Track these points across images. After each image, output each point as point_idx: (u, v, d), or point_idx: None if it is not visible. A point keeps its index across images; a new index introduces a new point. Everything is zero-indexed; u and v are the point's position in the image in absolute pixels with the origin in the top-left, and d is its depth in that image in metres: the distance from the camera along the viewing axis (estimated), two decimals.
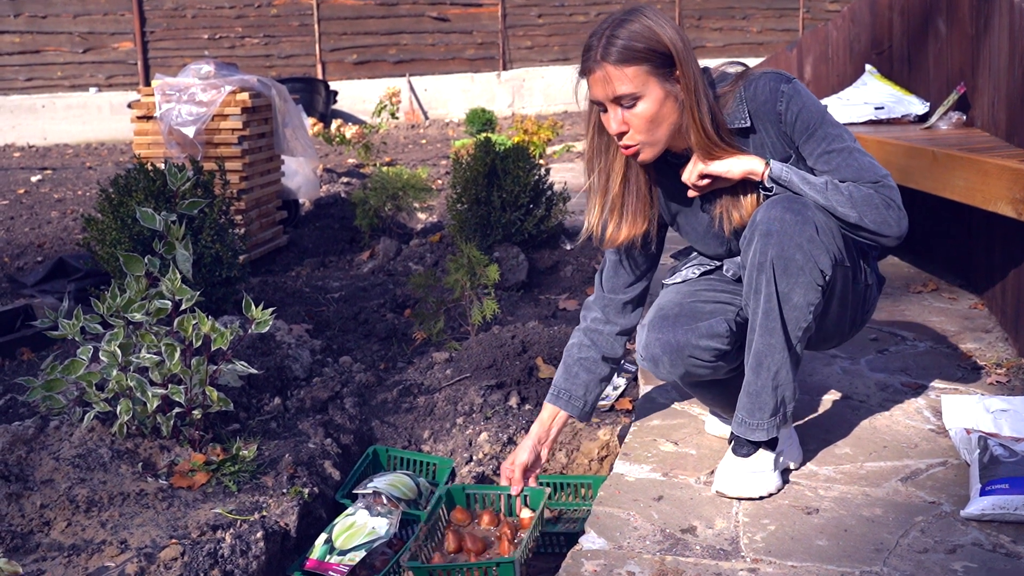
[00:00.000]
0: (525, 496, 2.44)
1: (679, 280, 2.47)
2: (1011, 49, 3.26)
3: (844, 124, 4.09)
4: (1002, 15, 3.36)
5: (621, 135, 2.18)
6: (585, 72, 2.17)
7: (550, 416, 2.51)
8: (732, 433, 2.34)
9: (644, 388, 2.96)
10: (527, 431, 2.81)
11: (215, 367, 2.71)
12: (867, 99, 4.33)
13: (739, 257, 2.41)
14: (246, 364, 2.74)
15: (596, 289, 2.55)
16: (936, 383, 2.91)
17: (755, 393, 2.24)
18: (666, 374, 2.34)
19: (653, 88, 2.13)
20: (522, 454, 2.47)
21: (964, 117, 3.83)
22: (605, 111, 2.19)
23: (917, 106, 4.19)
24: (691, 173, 2.27)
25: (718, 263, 2.46)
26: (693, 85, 2.15)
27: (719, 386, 2.44)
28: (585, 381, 2.51)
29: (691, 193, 2.31)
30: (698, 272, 2.46)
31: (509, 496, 2.44)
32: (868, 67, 4.58)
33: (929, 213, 4.11)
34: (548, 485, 2.59)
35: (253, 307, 2.63)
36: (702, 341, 2.27)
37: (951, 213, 3.83)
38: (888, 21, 4.60)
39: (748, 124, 2.24)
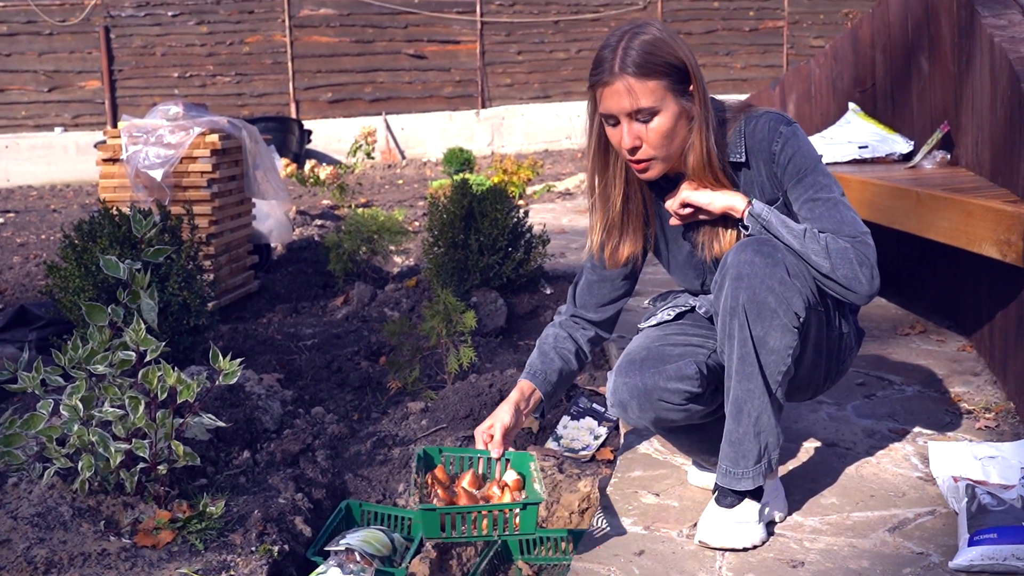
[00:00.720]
0: (506, 460, 2.42)
1: (653, 323, 2.50)
2: (992, 88, 3.31)
3: (828, 163, 4.18)
4: (983, 54, 3.42)
5: (635, 149, 2.21)
6: (600, 84, 2.18)
7: (528, 388, 2.52)
8: (716, 483, 2.35)
9: (625, 439, 2.97)
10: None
11: (181, 420, 2.70)
12: (851, 138, 4.39)
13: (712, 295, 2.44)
14: (213, 417, 2.73)
15: (568, 300, 2.61)
16: (924, 429, 2.93)
17: (737, 441, 2.26)
18: (636, 419, 2.37)
19: (670, 103, 2.18)
20: (503, 415, 2.45)
21: (948, 156, 3.88)
22: (615, 125, 2.21)
23: (901, 145, 4.25)
24: (675, 200, 2.31)
25: (692, 303, 2.49)
26: (705, 103, 2.21)
27: (697, 432, 2.46)
28: (559, 368, 2.54)
29: (673, 221, 2.36)
30: (673, 314, 2.49)
31: (489, 460, 2.42)
32: (851, 105, 4.65)
33: (916, 254, 4.15)
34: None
35: (220, 358, 2.63)
36: (670, 384, 2.29)
37: (938, 254, 3.87)
38: (871, 59, 4.67)
39: (743, 159, 2.28)
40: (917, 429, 2.93)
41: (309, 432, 3.32)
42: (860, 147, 4.30)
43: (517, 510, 2.18)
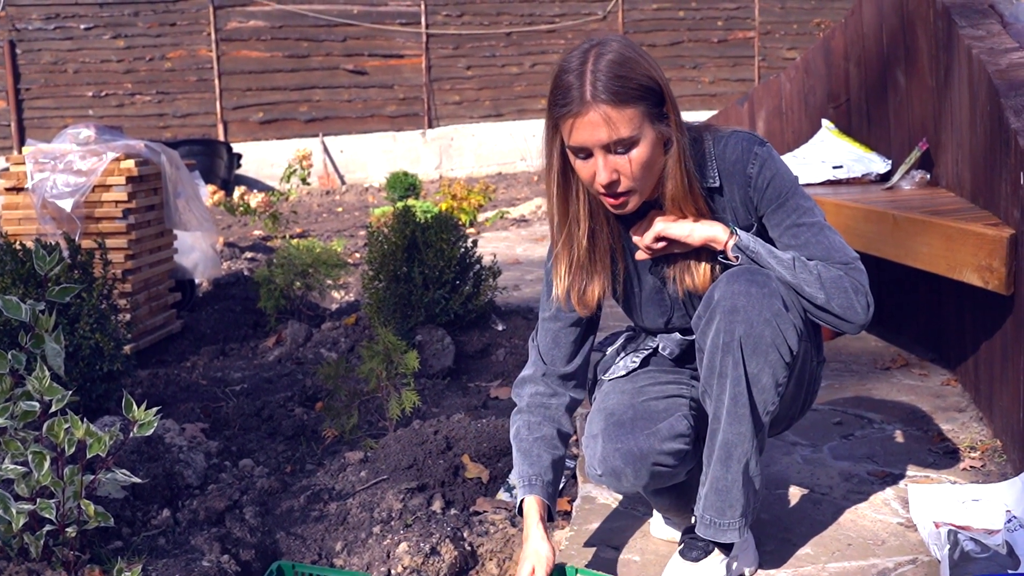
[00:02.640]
0: None
1: (621, 373, 2.48)
2: (972, 103, 3.39)
3: (801, 185, 4.24)
4: (961, 66, 3.50)
5: (612, 184, 2.15)
6: (570, 115, 2.10)
7: (540, 505, 2.41)
8: (684, 536, 2.36)
9: (583, 488, 2.98)
10: (453, 539, 2.82)
11: (92, 477, 2.68)
12: (824, 157, 4.47)
13: (675, 334, 2.46)
14: (128, 472, 2.71)
15: (533, 361, 2.51)
16: (906, 470, 2.97)
17: (725, 489, 2.25)
18: (630, 486, 2.34)
19: (648, 130, 2.13)
20: (542, 548, 2.35)
21: (928, 176, 3.96)
22: (586, 158, 2.15)
23: (878, 164, 4.32)
24: (647, 234, 2.28)
25: (653, 346, 2.50)
26: (680, 125, 2.18)
27: (677, 488, 2.46)
28: (550, 464, 2.43)
29: (640, 255, 2.33)
30: (639, 360, 2.48)
31: None
32: (825, 122, 4.73)
33: (896, 283, 4.22)
34: None
35: (134, 407, 2.61)
36: (666, 445, 2.27)
37: (919, 282, 3.94)
38: (844, 72, 4.76)
39: (717, 184, 2.27)
40: (898, 471, 2.97)
41: (236, 487, 3.30)
42: (834, 167, 4.38)
43: None
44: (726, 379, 2.18)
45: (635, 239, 2.31)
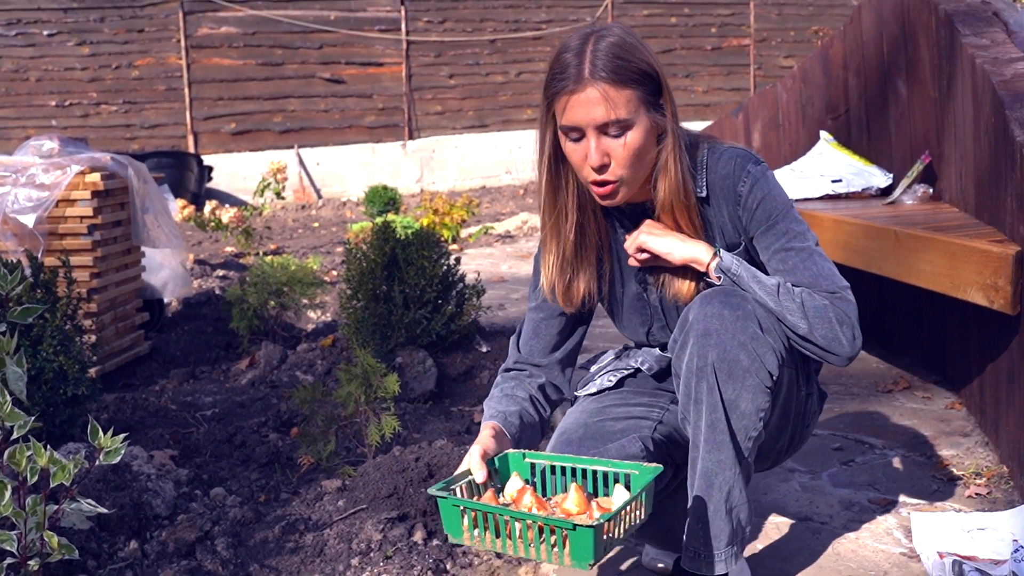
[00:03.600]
0: (626, 475, 2.14)
1: (593, 391, 2.52)
2: (976, 114, 3.42)
3: (799, 200, 4.27)
4: (964, 76, 3.53)
5: (603, 168, 2.18)
6: (565, 92, 2.15)
7: (496, 428, 2.36)
8: (675, 568, 2.37)
9: None
10: (435, 571, 2.82)
11: (56, 507, 2.67)
12: (823, 171, 4.50)
13: (655, 350, 2.48)
14: (94, 502, 2.70)
15: (510, 352, 2.56)
16: (908, 498, 2.99)
17: (707, 520, 2.27)
18: None
19: (643, 116, 2.17)
20: (485, 439, 2.28)
21: (931, 190, 3.99)
22: (578, 140, 2.19)
23: (879, 178, 4.35)
24: (631, 242, 2.32)
25: (635, 364, 2.51)
26: (675, 119, 2.22)
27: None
28: (518, 411, 2.41)
29: (631, 261, 2.36)
30: (614, 379, 2.50)
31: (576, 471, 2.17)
32: (823, 134, 4.76)
33: (898, 302, 4.24)
34: None
35: (101, 433, 2.61)
36: None
37: (922, 301, 3.96)
38: (843, 82, 4.80)
39: (704, 194, 2.30)
40: (901, 499, 2.98)
41: (208, 517, 3.30)
42: (833, 181, 4.40)
43: (567, 531, 1.87)
44: (702, 405, 2.19)
45: (626, 245, 2.35)
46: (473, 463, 2.20)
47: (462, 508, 1.98)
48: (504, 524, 1.92)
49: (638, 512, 2.03)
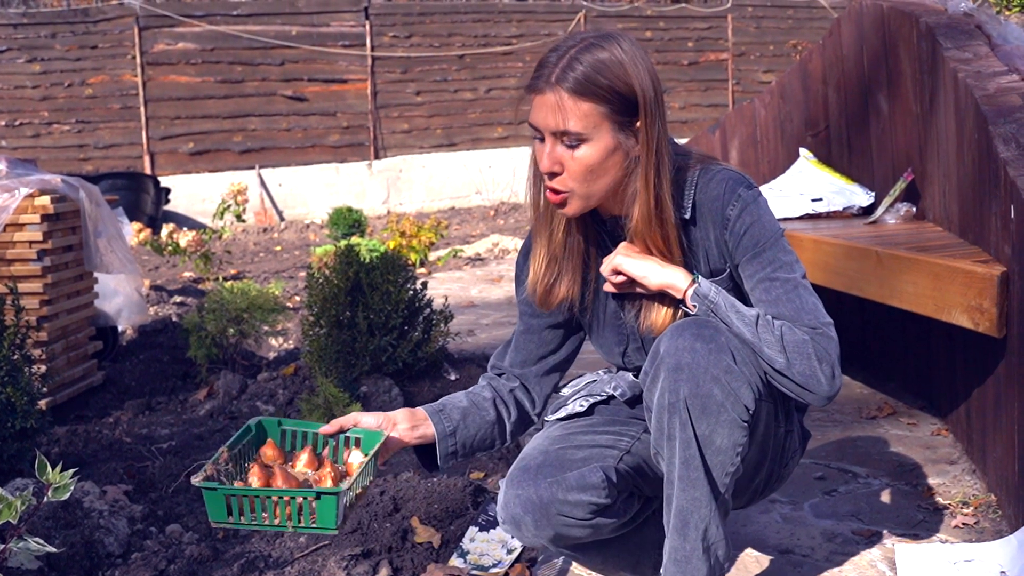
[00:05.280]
0: (356, 439, 2.38)
1: (563, 415, 2.52)
2: (959, 130, 3.45)
3: (778, 220, 4.29)
4: (947, 91, 3.56)
5: (552, 175, 2.22)
6: (533, 90, 2.21)
7: (420, 414, 2.46)
8: None
9: (544, 550, 2.98)
10: None
11: (3, 546, 2.65)
12: (803, 189, 4.51)
13: (628, 375, 2.48)
14: (42, 541, 2.68)
15: (493, 357, 2.63)
16: (893, 529, 2.99)
17: (684, 559, 2.26)
18: (532, 538, 2.36)
19: (603, 134, 2.18)
20: (366, 416, 2.41)
21: (914, 209, 4.01)
22: (541, 140, 2.23)
23: (861, 196, 4.38)
24: (607, 264, 2.32)
25: (609, 391, 2.51)
26: (655, 145, 2.21)
27: (612, 546, 2.47)
28: (463, 408, 2.49)
29: (607, 286, 2.36)
30: (586, 405, 2.50)
31: (338, 441, 2.40)
32: (803, 151, 4.78)
33: (882, 324, 4.26)
34: None
35: (49, 469, 2.59)
36: (571, 495, 2.29)
37: (907, 324, 3.98)
38: (823, 97, 4.83)
39: (688, 215, 2.30)
40: (885, 529, 2.99)
41: (163, 555, 3.28)
42: (814, 200, 4.42)
43: (312, 499, 2.14)
44: (675, 441, 2.18)
45: (602, 268, 2.35)
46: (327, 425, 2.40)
47: (226, 495, 2.19)
48: (261, 503, 2.16)
49: (369, 476, 2.30)
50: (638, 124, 2.20)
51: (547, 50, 2.24)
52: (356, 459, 2.30)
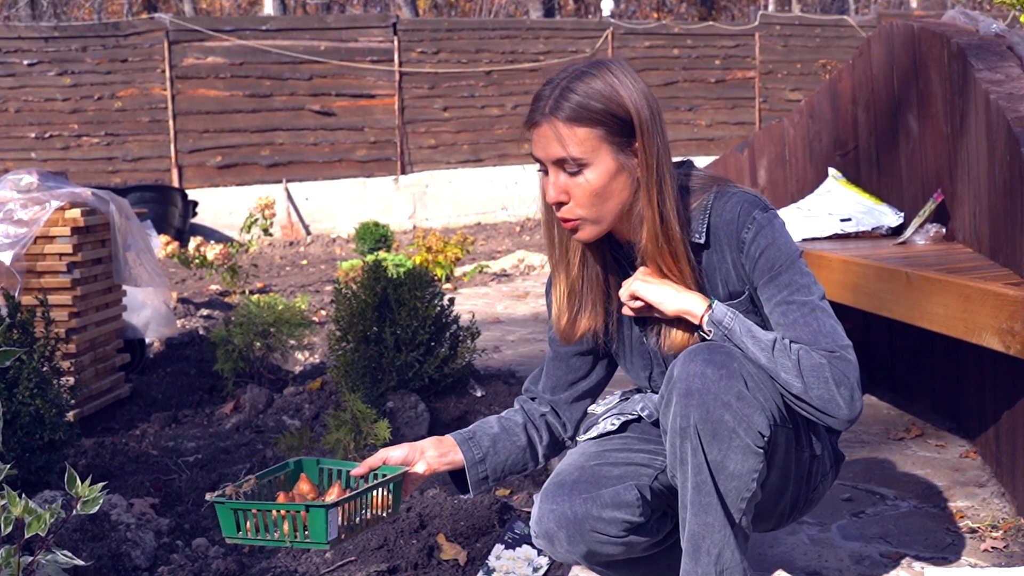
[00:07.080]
0: (383, 475, 2.42)
1: (594, 435, 2.51)
2: (990, 152, 3.43)
3: (806, 239, 4.28)
4: (978, 112, 3.55)
5: (559, 205, 2.25)
6: (530, 124, 2.25)
7: (448, 443, 2.51)
8: None
9: (571, 568, 2.97)
10: None
11: (31, 559, 2.66)
12: (831, 209, 4.50)
13: (655, 396, 2.48)
14: (70, 553, 2.69)
15: (528, 380, 2.66)
16: (921, 552, 2.98)
17: None
18: (564, 553, 2.36)
19: (604, 157, 2.21)
20: (395, 450, 2.46)
21: (944, 230, 4.00)
22: (545, 173, 2.26)
23: (890, 217, 4.36)
24: (624, 289, 2.33)
25: (639, 411, 2.51)
26: (654, 163, 2.22)
27: (643, 566, 2.46)
28: (493, 434, 2.53)
29: (625, 310, 2.37)
30: (617, 423, 2.50)
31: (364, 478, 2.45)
32: (832, 171, 4.77)
33: (911, 346, 4.24)
34: None
35: (78, 482, 2.60)
36: (606, 512, 2.29)
37: (936, 345, 3.96)
38: (852, 117, 4.82)
39: (703, 240, 2.30)
40: (913, 552, 2.97)
41: (189, 569, 3.28)
42: (842, 220, 4.41)
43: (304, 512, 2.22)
44: (687, 466, 2.19)
45: (620, 292, 2.36)
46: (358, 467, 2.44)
47: (235, 510, 2.27)
48: (263, 517, 2.25)
49: (385, 504, 2.36)
50: (636, 144, 2.22)
51: (542, 84, 2.28)
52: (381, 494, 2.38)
